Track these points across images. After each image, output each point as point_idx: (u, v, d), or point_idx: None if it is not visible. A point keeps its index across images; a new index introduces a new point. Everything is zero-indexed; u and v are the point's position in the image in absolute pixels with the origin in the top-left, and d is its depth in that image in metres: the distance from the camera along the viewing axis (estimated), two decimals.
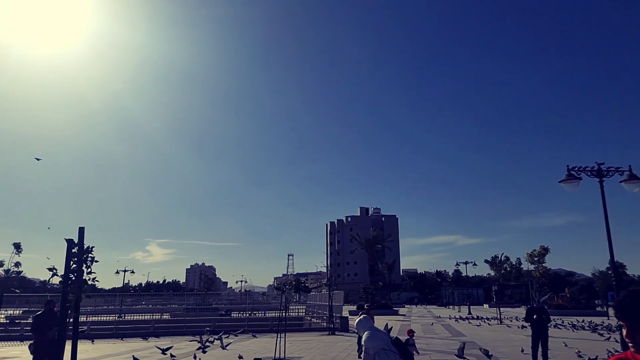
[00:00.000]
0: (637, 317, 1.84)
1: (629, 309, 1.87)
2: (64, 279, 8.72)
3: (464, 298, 66.14)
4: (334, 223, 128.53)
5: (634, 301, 1.88)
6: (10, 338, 21.95)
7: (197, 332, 23.40)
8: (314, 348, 16.65)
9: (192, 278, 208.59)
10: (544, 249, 59.55)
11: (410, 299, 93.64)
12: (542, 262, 59.25)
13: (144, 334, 22.39)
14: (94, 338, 20.65)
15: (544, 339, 11.31)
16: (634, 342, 1.85)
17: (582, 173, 10.79)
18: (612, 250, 10.33)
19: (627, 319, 1.87)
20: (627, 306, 1.88)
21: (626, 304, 1.89)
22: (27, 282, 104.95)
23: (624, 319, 1.89)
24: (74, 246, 8.95)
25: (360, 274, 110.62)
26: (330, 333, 22.68)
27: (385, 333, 6.44)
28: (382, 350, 6.00)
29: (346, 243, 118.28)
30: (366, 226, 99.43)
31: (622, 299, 1.92)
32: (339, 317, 24.88)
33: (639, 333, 1.83)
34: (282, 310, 16.44)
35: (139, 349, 17.30)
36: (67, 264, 8.86)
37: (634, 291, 1.93)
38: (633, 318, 1.85)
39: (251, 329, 24.64)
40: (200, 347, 14.78)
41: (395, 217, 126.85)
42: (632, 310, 1.86)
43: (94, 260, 9.14)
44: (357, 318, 6.82)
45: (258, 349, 16.39)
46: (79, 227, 9.28)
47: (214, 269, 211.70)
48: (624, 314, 1.88)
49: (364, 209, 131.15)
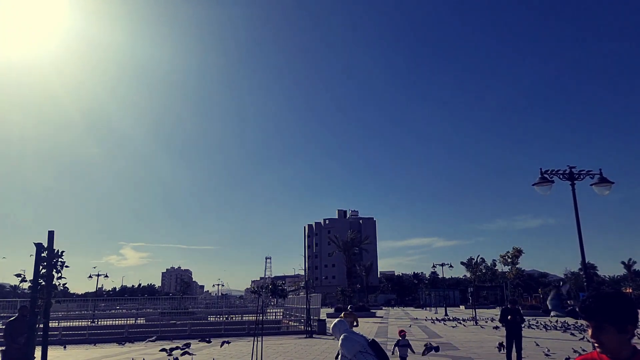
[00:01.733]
0: (600, 318, 1.88)
1: (592, 310, 1.91)
2: (33, 284, 8.46)
3: (441, 300, 67.00)
4: (312, 226, 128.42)
5: (597, 302, 1.91)
6: None
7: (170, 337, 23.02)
8: (291, 352, 16.58)
9: (168, 282, 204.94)
10: (517, 250, 60.78)
11: (387, 301, 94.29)
12: (516, 263, 60.49)
13: (117, 339, 21.85)
14: (65, 344, 20.04)
15: (518, 339, 11.48)
16: (599, 342, 1.89)
17: (555, 176, 11.03)
18: (584, 252, 10.54)
19: (591, 319, 1.91)
20: (591, 307, 1.92)
21: (590, 305, 1.92)
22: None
23: (588, 319, 1.93)
24: (44, 250, 8.70)
25: (338, 276, 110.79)
26: (308, 336, 22.62)
27: (362, 336, 6.46)
28: (359, 353, 6.02)
29: (324, 246, 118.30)
30: (344, 229, 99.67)
31: (585, 300, 1.96)
32: (316, 320, 24.84)
33: (603, 333, 1.87)
34: (259, 313, 16.30)
35: (112, 354, 16.88)
36: (37, 269, 8.60)
37: (598, 292, 1.97)
38: (597, 319, 1.89)
39: (228, 333, 24.34)
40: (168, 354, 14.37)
41: (372, 220, 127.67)
42: (596, 311, 1.90)
43: (65, 264, 8.89)
44: (334, 321, 6.82)
45: (235, 353, 16.21)
46: (49, 231, 9.01)
47: (190, 273, 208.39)
48: (588, 314, 1.92)
49: (342, 211, 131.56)
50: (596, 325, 1.89)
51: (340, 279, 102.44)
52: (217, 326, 26.94)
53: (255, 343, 13.97)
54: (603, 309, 1.88)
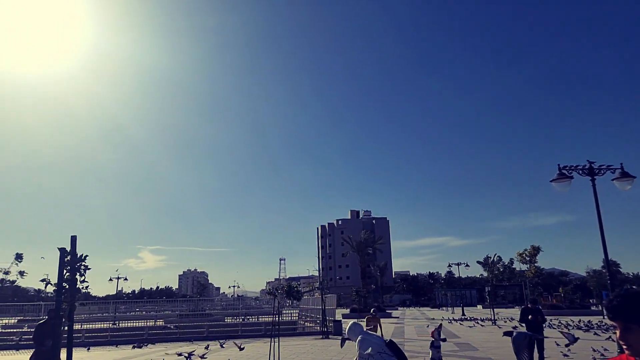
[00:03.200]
0: (627, 318, 1.76)
1: (619, 309, 1.78)
2: (58, 288, 8.67)
3: (457, 299, 66.43)
4: (324, 227, 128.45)
5: (625, 301, 1.79)
6: (7, 347, 21.69)
7: (189, 338, 23.31)
8: (308, 352, 16.65)
9: (184, 284, 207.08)
10: (534, 248, 59.93)
11: (402, 301, 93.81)
12: (534, 262, 59.63)
13: (138, 340, 22.20)
14: (89, 345, 20.44)
15: (540, 339, 11.16)
16: (627, 344, 1.77)
17: (574, 172, 10.85)
18: (606, 249, 10.25)
19: (617, 319, 1.79)
20: (618, 306, 1.79)
21: (617, 304, 1.80)
22: (21, 292, 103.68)
23: (615, 319, 1.81)
24: (67, 255, 8.92)
25: (352, 277, 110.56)
26: (324, 337, 22.68)
27: (378, 337, 6.49)
28: (377, 354, 6.05)
29: (337, 246, 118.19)
30: (357, 229, 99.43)
31: (612, 299, 1.84)
32: (332, 320, 24.88)
33: (631, 334, 1.74)
34: (275, 315, 16.42)
35: (133, 356, 17.16)
36: (61, 273, 8.81)
37: (625, 291, 1.85)
38: (624, 319, 1.76)
39: (245, 334, 24.56)
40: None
41: (386, 220, 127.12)
42: (623, 310, 1.77)
43: (87, 268, 9.11)
44: (348, 324, 6.86)
45: (252, 355, 16.36)
46: (71, 236, 9.22)
47: (206, 275, 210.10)
48: (615, 314, 1.80)
49: (354, 212, 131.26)
50: (623, 327, 1.77)
51: (355, 279, 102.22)
52: (234, 327, 27.18)
53: (272, 344, 14.08)
54: (630, 308, 1.76)
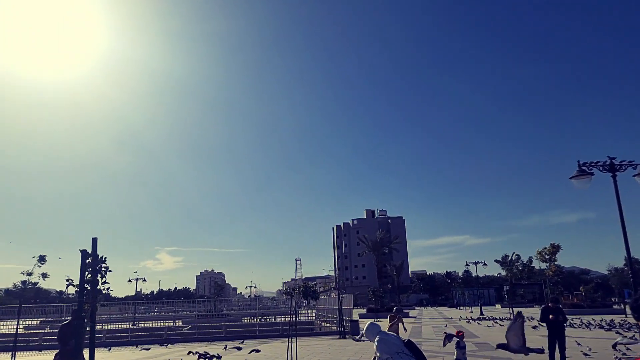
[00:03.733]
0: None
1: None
2: (80, 289, 8.86)
3: (475, 299, 65.71)
4: (340, 226, 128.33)
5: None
6: (30, 348, 22.23)
7: (208, 338, 23.55)
8: (325, 352, 16.67)
9: (202, 285, 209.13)
10: (554, 246, 58.83)
11: (419, 300, 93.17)
12: (554, 260, 58.55)
13: (158, 340, 22.55)
14: (110, 346, 20.81)
15: (561, 339, 10.96)
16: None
17: (594, 168, 10.64)
18: (628, 246, 10.06)
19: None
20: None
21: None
22: (43, 293, 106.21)
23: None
24: (88, 257, 9.10)
25: (369, 276, 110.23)
26: (341, 337, 22.67)
27: (396, 336, 6.47)
28: (395, 354, 6.03)
29: (353, 246, 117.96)
30: (373, 229, 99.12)
31: (638, 298, 1.81)
32: (349, 320, 24.85)
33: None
34: (292, 315, 16.48)
35: (153, 356, 17.41)
36: (82, 275, 8.99)
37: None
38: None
39: (262, 335, 24.72)
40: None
41: (401, 219, 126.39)
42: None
43: (108, 270, 9.28)
44: (366, 324, 6.85)
45: (270, 355, 16.44)
46: (92, 238, 9.39)
47: (223, 275, 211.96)
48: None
49: (370, 211, 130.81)
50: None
51: (371, 279, 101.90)
52: (252, 327, 27.36)
53: (289, 344, 14.14)
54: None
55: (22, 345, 22.77)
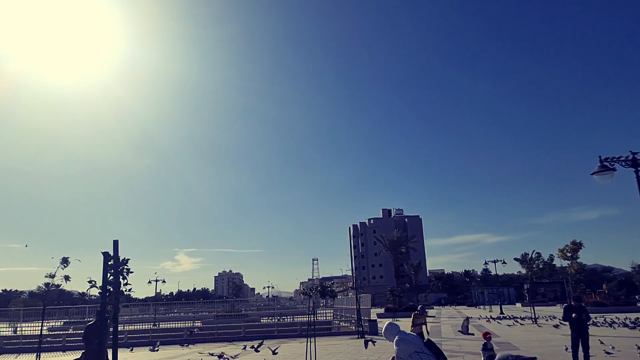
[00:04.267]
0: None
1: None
2: (102, 291, 9.05)
3: (494, 297, 64.84)
4: (356, 226, 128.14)
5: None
6: (54, 349, 22.75)
7: (228, 339, 23.78)
8: (344, 352, 16.67)
9: (220, 285, 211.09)
10: (575, 244, 57.71)
11: (438, 300, 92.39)
12: (576, 257, 57.44)
13: (179, 341, 22.86)
14: (132, 346, 21.15)
15: (585, 338, 10.81)
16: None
17: (616, 163, 10.40)
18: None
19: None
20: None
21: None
22: (66, 295, 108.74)
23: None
24: (110, 259, 9.29)
25: (386, 276, 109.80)
26: (360, 336, 22.62)
27: (416, 336, 6.45)
28: (415, 353, 6.01)
29: (370, 246, 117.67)
30: (389, 228, 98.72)
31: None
32: (367, 320, 24.78)
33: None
34: (310, 315, 16.53)
35: (174, 356, 17.64)
36: (105, 276, 9.19)
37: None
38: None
39: (281, 335, 24.85)
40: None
41: (418, 218, 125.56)
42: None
43: (130, 271, 9.46)
44: (384, 324, 6.83)
45: (289, 355, 16.52)
46: (114, 240, 9.53)
47: (241, 276, 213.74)
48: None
49: (386, 210, 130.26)
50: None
51: (388, 278, 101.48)
52: (270, 328, 27.52)
53: (308, 344, 14.19)
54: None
55: (46, 346, 23.35)
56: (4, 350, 22.80)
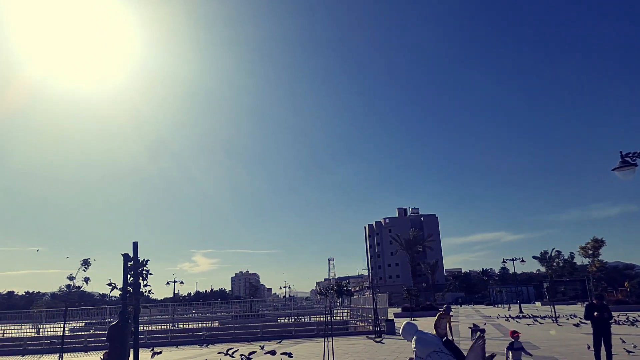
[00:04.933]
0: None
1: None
2: (123, 292, 9.20)
3: (513, 296, 63.97)
4: (372, 226, 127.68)
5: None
6: (76, 349, 23.21)
7: (246, 339, 23.96)
8: (362, 352, 16.65)
9: (237, 286, 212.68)
10: (597, 241, 56.50)
11: (455, 299, 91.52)
12: (597, 255, 56.26)
13: (198, 341, 23.11)
14: (152, 346, 21.46)
15: (607, 337, 10.65)
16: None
17: (638, 159, 10.18)
18: None
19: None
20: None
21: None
22: (87, 296, 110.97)
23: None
24: (130, 260, 9.44)
25: (402, 275, 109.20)
26: (377, 336, 22.57)
27: (434, 335, 6.41)
28: (433, 352, 5.98)
29: (386, 245, 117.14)
30: (405, 227, 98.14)
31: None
32: (384, 319, 24.71)
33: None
34: (326, 314, 16.55)
35: (193, 356, 17.85)
36: (125, 278, 9.34)
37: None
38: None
39: (298, 334, 24.93)
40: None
41: (434, 217, 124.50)
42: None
43: (149, 273, 9.59)
44: (402, 324, 6.80)
45: (306, 354, 16.57)
46: (133, 242, 9.70)
47: (257, 276, 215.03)
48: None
49: (401, 209, 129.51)
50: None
51: (405, 278, 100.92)
52: (288, 328, 27.61)
53: (325, 343, 14.21)
54: None
55: (68, 346, 23.85)
56: (28, 351, 23.32)
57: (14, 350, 23.47)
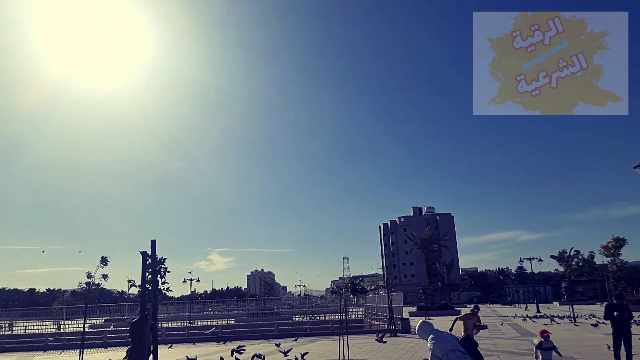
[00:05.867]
0: None
1: None
2: (142, 289, 9.37)
3: (530, 296, 63.09)
4: (387, 225, 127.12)
5: None
6: (95, 345, 23.70)
7: (262, 336, 24.16)
8: (377, 350, 16.65)
9: (252, 284, 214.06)
10: (618, 240, 55.30)
11: (470, 298, 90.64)
12: (618, 254, 55.06)
13: (215, 338, 23.38)
14: (170, 343, 21.82)
15: (627, 337, 10.51)
16: None
17: None
18: None
19: None
20: None
21: None
22: (106, 293, 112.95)
23: None
24: (148, 258, 9.59)
25: (417, 274, 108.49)
26: (392, 335, 22.53)
27: (451, 334, 6.41)
28: (450, 351, 5.99)
29: (401, 244, 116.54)
30: (420, 226, 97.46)
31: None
32: (399, 318, 24.65)
33: None
34: (341, 312, 16.60)
35: (210, 353, 18.07)
36: (143, 275, 9.50)
37: None
38: None
39: (313, 333, 25.04)
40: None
41: (450, 215, 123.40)
42: None
43: (167, 270, 9.75)
44: (418, 323, 6.81)
45: (322, 352, 16.65)
46: (151, 240, 9.85)
47: (272, 275, 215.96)
48: None
49: (417, 208, 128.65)
50: None
51: (420, 277, 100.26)
52: (303, 326, 27.75)
53: (340, 341, 14.25)
54: None
55: (88, 342, 24.37)
56: (49, 347, 23.86)
57: (36, 347, 24.03)
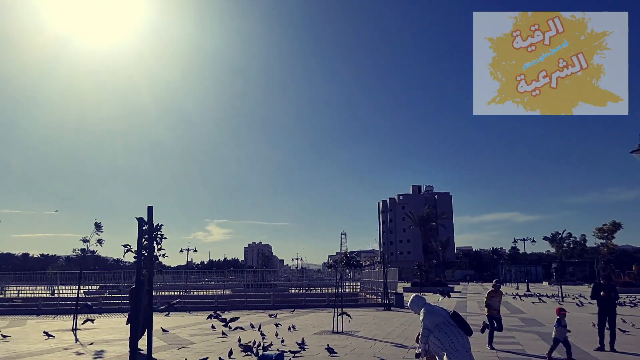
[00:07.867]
0: None
1: None
2: (137, 256, 9.45)
3: (522, 276, 64.06)
4: (386, 202, 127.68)
5: None
6: (90, 311, 23.98)
7: (258, 307, 24.53)
8: (370, 323, 16.95)
9: (250, 256, 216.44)
10: (615, 224, 55.77)
11: (464, 276, 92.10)
12: (612, 238, 55.64)
13: (209, 307, 23.69)
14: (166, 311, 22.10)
15: (612, 316, 10.77)
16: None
17: None
18: None
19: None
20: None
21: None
22: (101, 260, 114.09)
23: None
24: (145, 224, 9.65)
25: (414, 252, 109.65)
26: (386, 309, 22.93)
27: (442, 308, 6.50)
28: (442, 324, 6.09)
29: (399, 222, 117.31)
30: (419, 204, 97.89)
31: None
32: (394, 293, 25.05)
33: None
34: (337, 286, 16.83)
35: (205, 321, 18.39)
36: (139, 241, 9.57)
37: None
38: None
39: (309, 304, 25.47)
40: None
41: (448, 195, 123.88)
42: None
43: (163, 237, 9.80)
44: (410, 297, 6.89)
45: (316, 323, 16.95)
46: (148, 206, 9.82)
47: (270, 248, 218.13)
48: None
49: (416, 187, 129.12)
50: None
51: (416, 254, 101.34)
52: (299, 298, 28.18)
53: (335, 314, 14.50)
54: None
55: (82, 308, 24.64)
56: (42, 311, 23.93)
57: (29, 310, 24.14)
